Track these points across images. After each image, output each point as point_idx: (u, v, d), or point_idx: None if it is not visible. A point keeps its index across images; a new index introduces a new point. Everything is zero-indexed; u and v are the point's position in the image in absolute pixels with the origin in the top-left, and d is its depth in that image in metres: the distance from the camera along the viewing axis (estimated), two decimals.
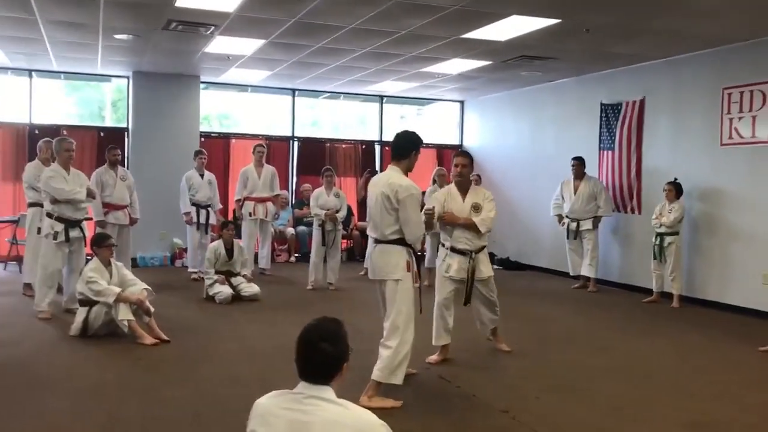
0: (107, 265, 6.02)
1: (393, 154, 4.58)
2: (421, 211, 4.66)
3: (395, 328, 4.34)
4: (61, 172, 6.77)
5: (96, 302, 5.84)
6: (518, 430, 3.99)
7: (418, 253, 4.73)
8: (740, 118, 7.67)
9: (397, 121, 14.28)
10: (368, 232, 4.76)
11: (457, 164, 5.32)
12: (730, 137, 7.79)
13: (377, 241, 4.52)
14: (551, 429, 4.00)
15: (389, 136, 6.30)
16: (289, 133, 12.12)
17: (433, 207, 5.18)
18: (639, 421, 4.18)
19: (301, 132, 12.36)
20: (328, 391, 2.32)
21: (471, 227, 5.25)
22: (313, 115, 13.93)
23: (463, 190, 5.36)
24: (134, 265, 9.79)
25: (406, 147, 4.50)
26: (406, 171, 4.54)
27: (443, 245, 5.42)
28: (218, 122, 13.89)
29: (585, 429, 4.03)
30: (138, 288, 5.97)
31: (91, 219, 7.81)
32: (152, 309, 5.92)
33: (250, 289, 7.86)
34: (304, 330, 2.37)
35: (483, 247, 5.38)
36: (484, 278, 5.36)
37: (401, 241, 4.41)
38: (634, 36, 7.50)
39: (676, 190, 8.06)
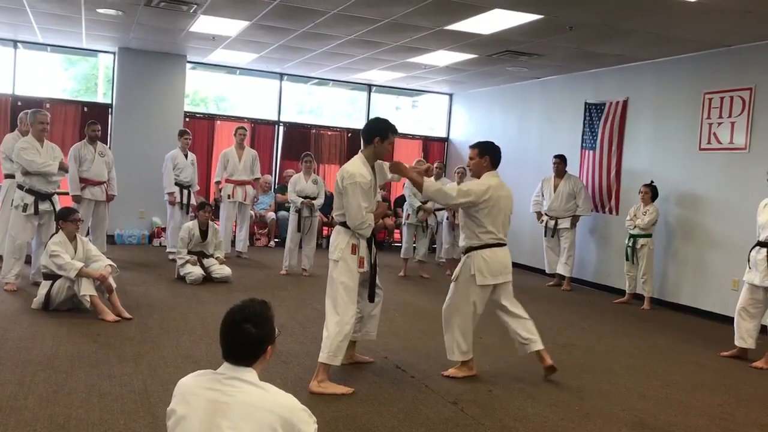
0: (72, 239, 5.99)
1: (362, 141, 4.59)
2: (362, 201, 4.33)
3: (332, 308, 4.37)
4: (34, 144, 6.74)
5: (60, 276, 5.83)
6: (463, 421, 3.99)
7: (384, 241, 4.72)
8: (719, 124, 7.67)
9: (392, 112, 14.30)
10: None
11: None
12: (709, 142, 7.80)
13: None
14: (496, 422, 4.01)
15: None
16: (275, 118, 12.08)
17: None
18: (586, 418, 4.19)
19: (288, 117, 12.33)
20: (249, 373, 2.31)
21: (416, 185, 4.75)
22: (308, 102, 13.94)
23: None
24: (111, 242, 9.78)
25: (368, 134, 4.50)
26: (374, 158, 4.52)
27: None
28: (215, 105, 13.90)
29: (530, 423, 4.04)
30: (101, 264, 5.95)
31: (63, 193, 7.77)
32: (114, 285, 5.91)
33: (222, 271, 7.84)
34: (229, 310, 2.36)
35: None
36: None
37: (346, 224, 4.43)
38: (616, 36, 7.49)
39: (651, 192, 8.07)
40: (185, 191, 9.33)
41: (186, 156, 9.41)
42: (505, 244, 4.86)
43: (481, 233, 4.78)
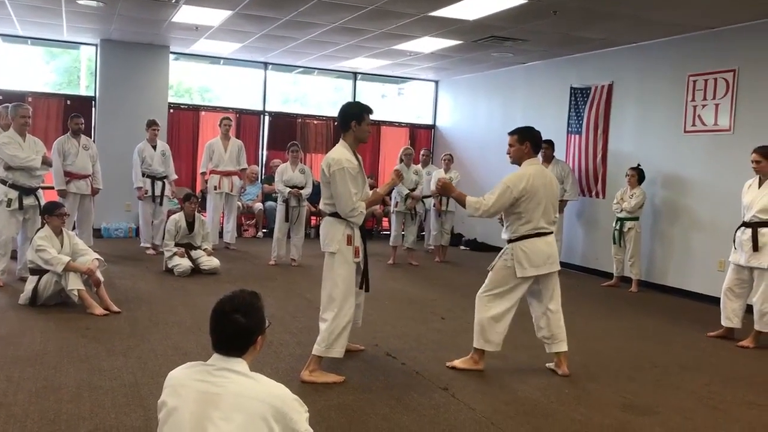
0: (58, 233, 5.94)
1: (340, 129, 4.54)
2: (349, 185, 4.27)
3: (331, 300, 4.33)
4: (16, 139, 6.67)
5: (46, 271, 5.79)
6: (454, 406, 4.01)
7: (373, 229, 4.70)
8: (704, 106, 7.71)
9: (377, 100, 14.26)
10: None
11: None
12: (694, 124, 7.84)
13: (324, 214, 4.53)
14: (487, 406, 4.03)
15: None
16: (260, 107, 12.02)
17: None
18: (577, 401, 4.23)
19: (274, 107, 12.27)
20: (240, 364, 2.31)
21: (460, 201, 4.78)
22: (293, 91, 13.89)
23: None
24: (98, 235, 9.73)
25: (344, 120, 4.44)
26: (356, 143, 4.45)
27: None
28: (199, 95, 13.81)
29: (521, 407, 4.07)
30: (88, 258, 5.90)
31: (48, 187, 7.71)
32: (102, 279, 5.88)
33: (210, 262, 7.82)
34: (219, 301, 2.35)
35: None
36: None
37: (338, 214, 4.37)
38: (600, 20, 7.49)
39: (638, 175, 8.11)
40: (158, 183, 9.19)
41: (155, 147, 9.23)
42: (547, 233, 4.63)
43: (520, 225, 4.59)
